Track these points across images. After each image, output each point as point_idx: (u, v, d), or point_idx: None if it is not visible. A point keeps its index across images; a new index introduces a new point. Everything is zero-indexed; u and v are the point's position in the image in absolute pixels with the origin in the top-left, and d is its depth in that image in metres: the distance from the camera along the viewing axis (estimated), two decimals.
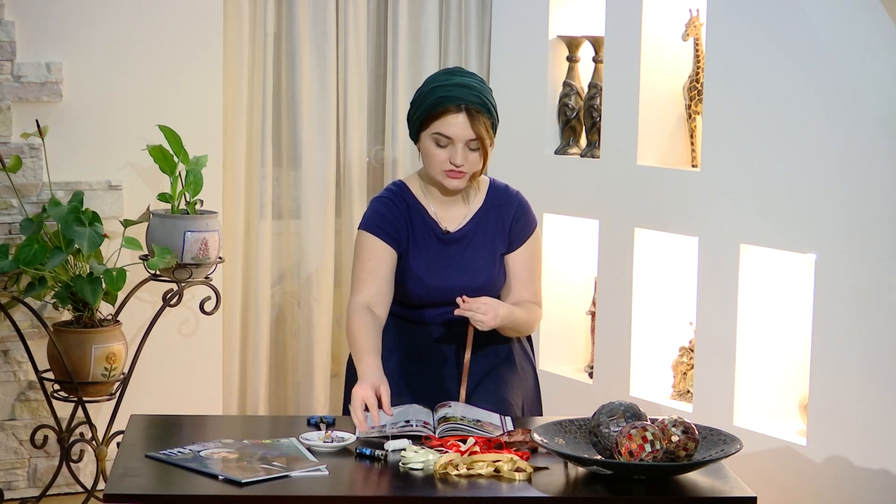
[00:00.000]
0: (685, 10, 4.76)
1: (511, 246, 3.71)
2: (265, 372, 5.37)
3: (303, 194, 5.38)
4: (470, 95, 3.55)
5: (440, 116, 3.55)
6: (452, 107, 3.54)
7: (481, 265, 3.67)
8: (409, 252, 3.66)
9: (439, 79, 3.61)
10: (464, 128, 3.54)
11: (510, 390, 3.68)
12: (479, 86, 3.59)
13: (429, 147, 3.59)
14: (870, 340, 4.08)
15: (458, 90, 3.55)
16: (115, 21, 4.95)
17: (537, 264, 3.74)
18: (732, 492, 3.01)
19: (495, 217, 3.70)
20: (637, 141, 4.82)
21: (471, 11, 5.57)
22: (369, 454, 3.17)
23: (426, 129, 3.59)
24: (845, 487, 4.14)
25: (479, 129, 3.55)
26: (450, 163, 3.57)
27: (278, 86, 5.36)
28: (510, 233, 3.70)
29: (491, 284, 3.67)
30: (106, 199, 4.95)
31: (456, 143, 3.56)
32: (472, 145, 3.57)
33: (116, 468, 3.09)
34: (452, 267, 3.66)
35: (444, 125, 3.55)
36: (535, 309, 3.72)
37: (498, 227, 3.70)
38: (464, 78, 3.59)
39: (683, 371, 4.82)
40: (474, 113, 3.55)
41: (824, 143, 4.20)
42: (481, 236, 3.69)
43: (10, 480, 4.90)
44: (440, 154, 3.57)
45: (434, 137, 3.57)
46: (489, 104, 3.58)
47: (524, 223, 3.72)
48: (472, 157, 3.58)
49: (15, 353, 4.86)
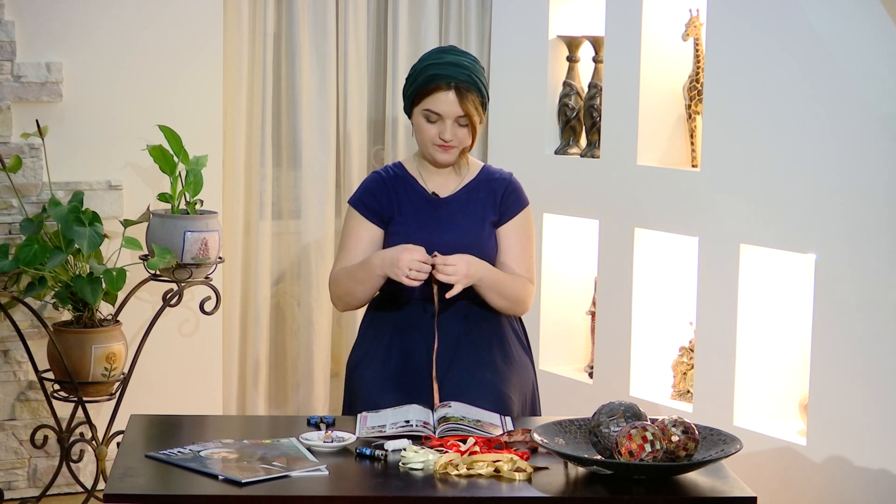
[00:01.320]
0: (685, 10, 4.76)
1: (502, 218, 3.79)
2: (265, 372, 5.37)
3: (303, 194, 5.38)
4: (460, 74, 3.68)
5: (431, 93, 3.69)
6: (443, 84, 3.68)
7: (469, 227, 3.75)
8: (396, 216, 3.77)
9: (432, 56, 3.75)
10: (453, 105, 3.68)
11: (508, 384, 3.69)
12: (470, 64, 3.71)
13: (420, 122, 3.73)
14: (870, 341, 4.08)
15: (448, 68, 3.68)
16: (115, 21, 4.95)
17: (529, 242, 3.82)
18: (732, 492, 3.01)
19: (486, 190, 3.80)
20: (637, 141, 4.82)
21: (471, 11, 5.57)
22: (369, 454, 3.17)
23: (418, 104, 3.72)
24: (845, 487, 4.14)
25: (467, 107, 3.68)
26: (439, 137, 3.70)
27: (278, 86, 5.36)
28: (501, 204, 3.79)
29: (478, 246, 3.72)
30: (106, 199, 4.95)
31: (445, 119, 3.69)
32: (462, 121, 3.71)
33: (116, 468, 3.09)
34: (439, 225, 3.75)
35: (434, 102, 3.69)
36: (527, 283, 3.77)
37: (489, 199, 3.79)
38: (456, 56, 3.72)
39: (683, 371, 4.82)
40: (463, 91, 3.68)
41: (824, 143, 4.20)
42: (473, 203, 3.78)
43: (10, 480, 4.90)
44: (430, 129, 3.71)
45: (425, 113, 3.71)
46: (479, 82, 3.71)
47: (515, 197, 3.81)
48: (460, 133, 3.71)
49: (15, 353, 4.86)
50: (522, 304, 3.77)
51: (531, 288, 3.78)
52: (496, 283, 3.68)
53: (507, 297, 3.72)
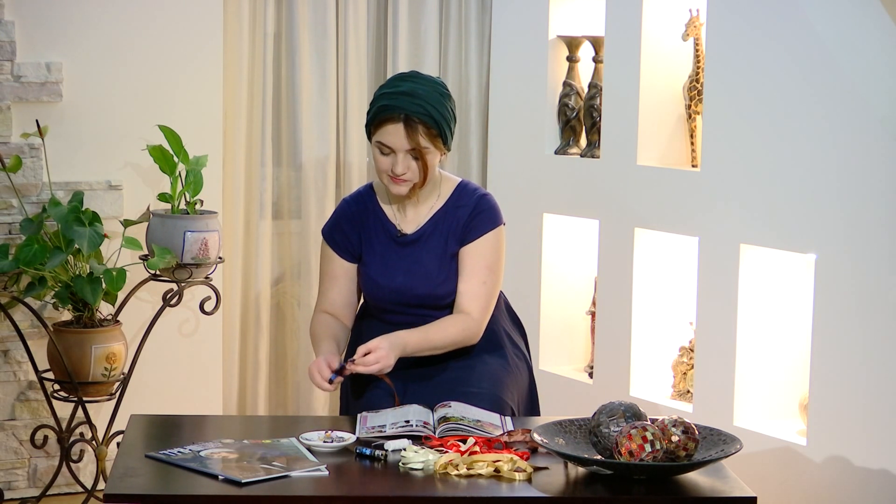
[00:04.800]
0: (685, 10, 4.76)
1: (464, 241, 3.68)
2: (265, 372, 5.37)
3: (303, 194, 5.39)
4: (411, 105, 3.54)
5: (381, 126, 3.58)
6: (393, 115, 3.55)
7: (433, 268, 3.67)
8: (364, 256, 3.72)
9: (389, 84, 3.62)
10: (402, 139, 3.56)
11: (504, 389, 3.68)
12: (425, 93, 3.56)
13: (375, 153, 3.62)
14: (870, 341, 4.08)
15: (401, 99, 3.55)
16: (115, 21, 4.95)
17: (484, 267, 3.66)
18: (732, 492, 3.01)
19: (453, 217, 3.69)
20: (637, 141, 4.82)
21: (471, 11, 5.57)
22: (369, 454, 3.17)
23: (373, 135, 3.62)
24: (845, 487, 4.14)
25: (416, 140, 3.55)
26: (392, 170, 3.59)
27: (278, 86, 5.36)
28: (463, 229, 3.67)
29: (445, 287, 3.67)
30: (106, 199, 4.95)
31: (397, 152, 3.57)
32: (414, 154, 3.58)
33: (116, 468, 3.09)
34: (406, 269, 3.68)
35: (384, 134, 3.58)
36: (463, 320, 3.63)
37: (453, 226, 3.68)
38: (412, 85, 3.58)
39: (683, 371, 4.82)
40: (414, 123, 3.54)
41: (824, 144, 4.20)
42: (437, 237, 3.68)
43: (10, 480, 4.90)
44: (384, 161, 3.60)
45: (377, 145, 3.60)
46: (434, 112, 3.56)
47: (480, 220, 3.67)
48: (413, 166, 3.60)
49: (15, 353, 4.86)
50: (465, 343, 3.66)
51: (470, 322, 3.63)
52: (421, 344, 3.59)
53: (442, 347, 3.64)
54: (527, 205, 5.29)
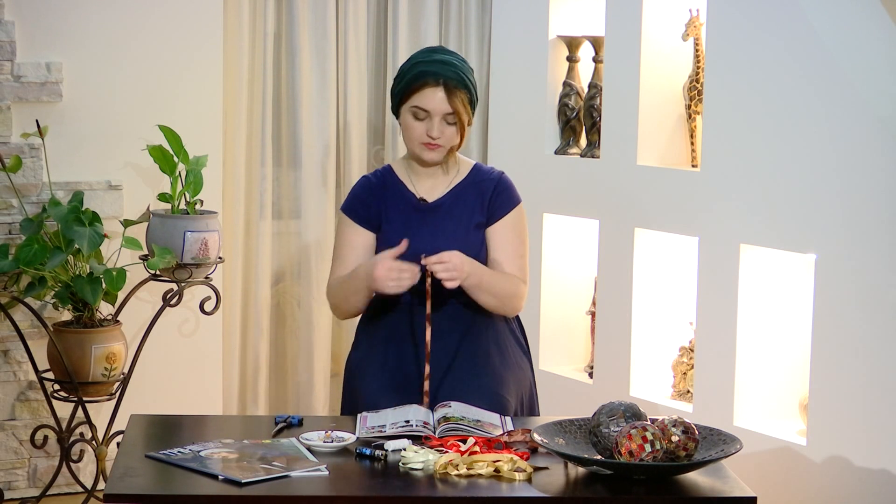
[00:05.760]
0: (685, 10, 4.76)
1: (491, 219, 3.75)
2: (265, 372, 5.37)
3: (303, 194, 5.38)
4: (448, 71, 3.67)
5: (419, 90, 3.67)
6: (431, 81, 3.66)
7: (457, 232, 3.72)
8: (384, 224, 3.75)
9: (421, 55, 3.74)
10: (441, 102, 3.66)
11: (505, 386, 3.68)
12: (458, 63, 3.71)
13: (408, 120, 3.71)
14: (870, 341, 4.08)
15: (437, 66, 3.67)
16: (115, 21, 4.95)
17: (520, 241, 3.77)
18: (732, 492, 3.01)
19: (475, 192, 3.77)
20: (637, 141, 4.82)
21: (471, 11, 5.58)
22: (369, 454, 3.17)
23: (406, 102, 3.70)
24: (845, 487, 4.14)
25: (455, 104, 3.66)
26: (427, 135, 3.68)
27: (278, 86, 5.36)
28: (489, 204, 3.75)
29: (466, 252, 3.67)
30: (106, 199, 4.95)
31: (433, 116, 3.67)
32: (449, 119, 3.68)
33: (116, 468, 3.09)
34: (427, 232, 3.72)
35: (422, 98, 3.67)
36: (518, 282, 3.73)
37: (477, 200, 3.76)
38: (445, 55, 3.71)
39: (683, 371, 4.82)
40: (452, 88, 3.66)
41: (824, 144, 4.20)
42: (460, 206, 3.75)
43: (10, 480, 4.90)
44: (418, 127, 3.69)
45: (412, 111, 3.69)
46: (468, 81, 3.69)
47: (505, 197, 3.77)
48: (448, 131, 3.69)
49: (15, 353, 4.86)
50: (514, 303, 3.73)
51: (523, 287, 3.74)
52: (489, 283, 3.65)
53: (497, 295, 3.68)
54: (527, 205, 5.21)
